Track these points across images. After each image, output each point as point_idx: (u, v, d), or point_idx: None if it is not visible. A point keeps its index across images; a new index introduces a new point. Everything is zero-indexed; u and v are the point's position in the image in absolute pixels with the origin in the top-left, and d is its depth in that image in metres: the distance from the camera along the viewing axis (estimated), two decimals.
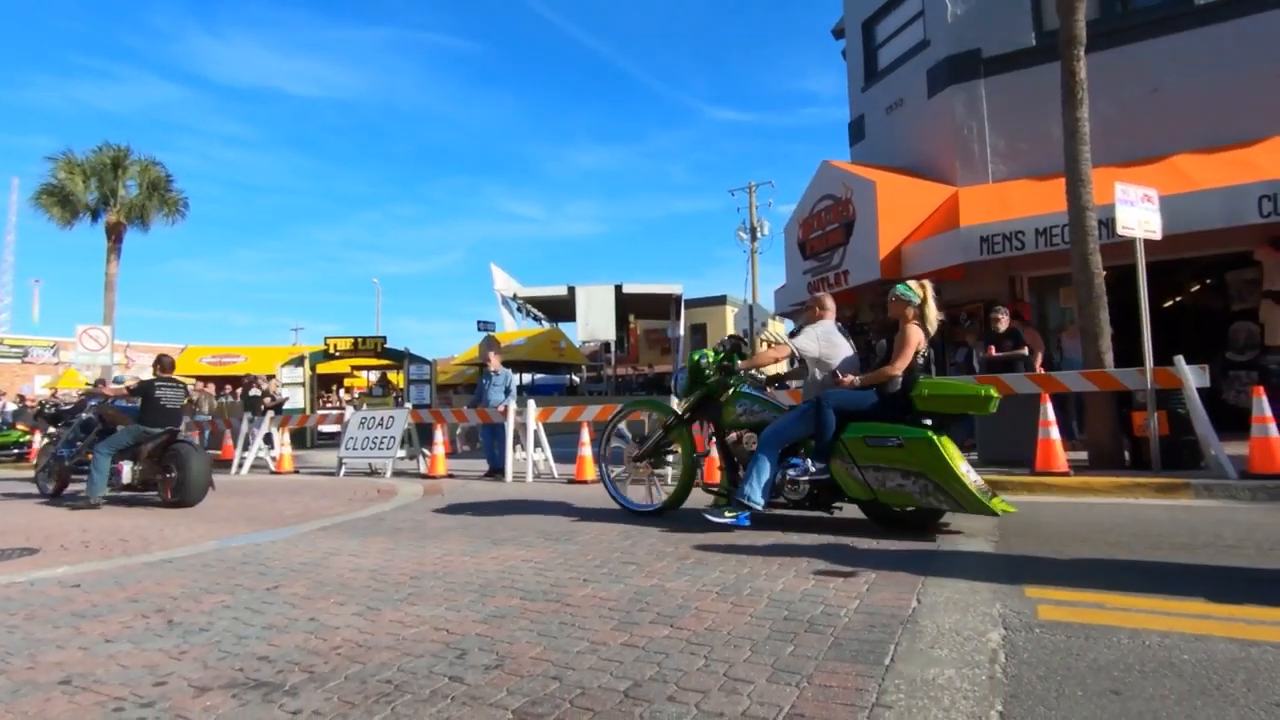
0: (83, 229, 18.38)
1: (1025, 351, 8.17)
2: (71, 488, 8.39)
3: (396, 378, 22.01)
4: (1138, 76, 9.91)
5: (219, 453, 12.60)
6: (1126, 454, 6.87)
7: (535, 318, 28.87)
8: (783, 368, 5.79)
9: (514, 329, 27.17)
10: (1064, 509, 5.31)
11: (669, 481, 6.43)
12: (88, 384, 13.76)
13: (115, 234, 17.97)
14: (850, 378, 4.70)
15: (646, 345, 37.78)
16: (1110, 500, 5.74)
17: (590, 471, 8.12)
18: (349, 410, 12.01)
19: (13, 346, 35.02)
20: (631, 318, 32.47)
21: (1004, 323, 8.34)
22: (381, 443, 9.98)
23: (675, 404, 6.05)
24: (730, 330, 36.83)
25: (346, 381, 25.74)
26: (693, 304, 33.59)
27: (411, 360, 17.38)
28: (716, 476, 5.89)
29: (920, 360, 4.60)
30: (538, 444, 8.99)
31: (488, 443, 9.67)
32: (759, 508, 4.65)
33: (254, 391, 15.71)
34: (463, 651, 2.58)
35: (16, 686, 2.39)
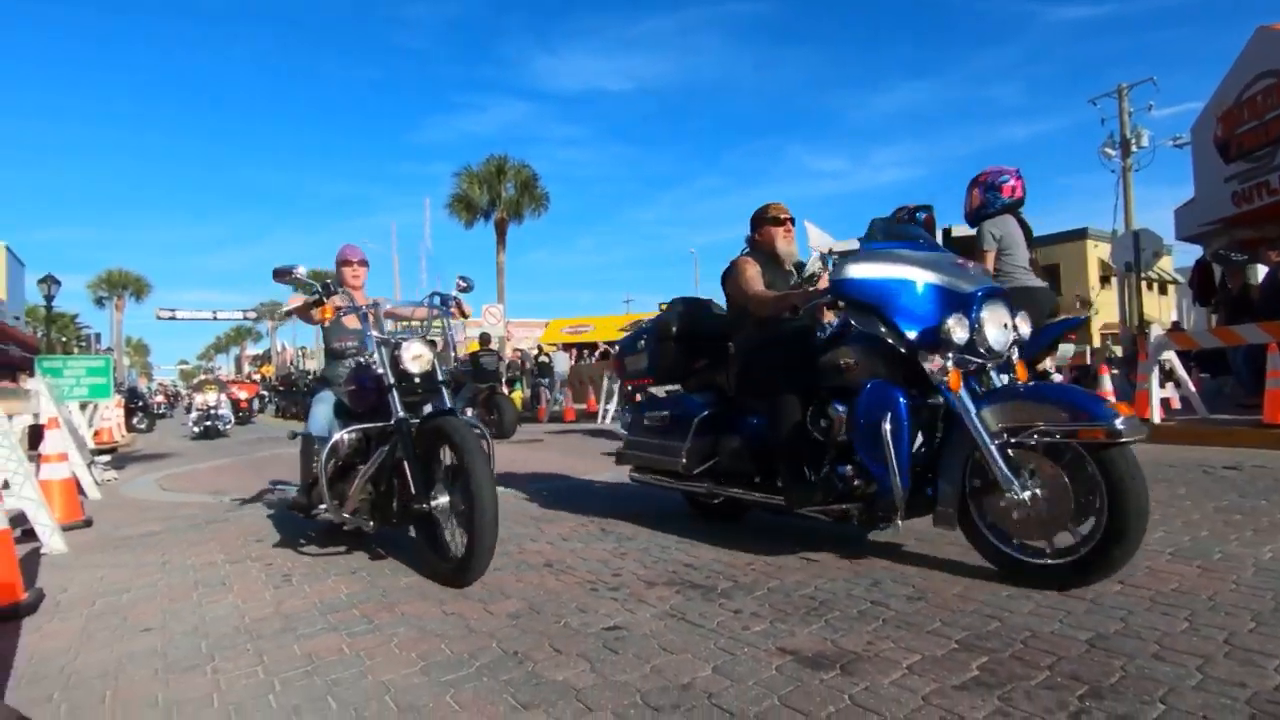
0: (478, 228, 23.03)
1: None
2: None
3: None
4: None
5: (584, 405, 14.74)
6: None
7: None
8: None
9: None
10: None
11: None
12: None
13: (501, 229, 22.13)
14: None
15: None
16: None
17: None
18: None
19: (435, 327, 45.67)
20: None
21: None
22: None
23: None
24: (1094, 271, 30.78)
25: None
26: (1039, 242, 28.73)
27: None
28: None
29: None
30: None
31: None
32: None
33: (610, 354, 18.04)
34: (876, 581, 2.58)
35: (517, 565, 3.07)
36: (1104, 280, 31.09)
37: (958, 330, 2.46)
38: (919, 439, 2.65)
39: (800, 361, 3.07)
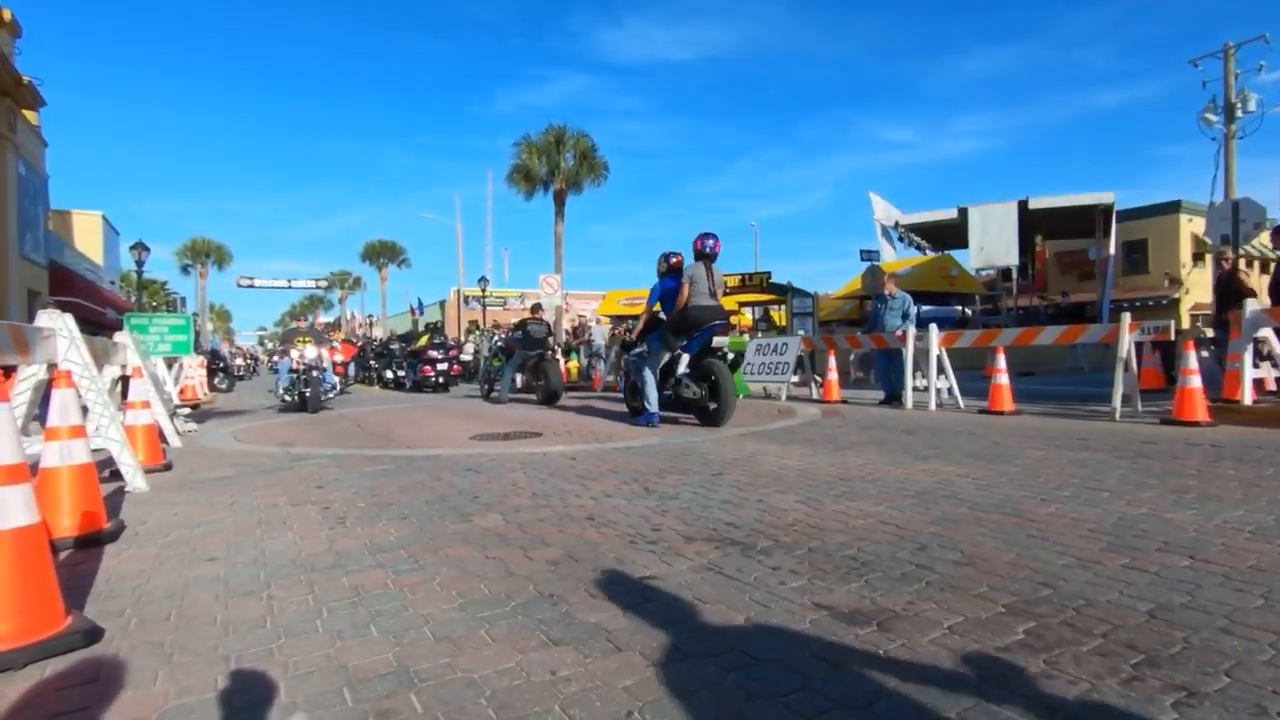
0: (537, 199, 23.18)
1: None
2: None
3: (777, 315, 22.81)
4: None
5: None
6: None
7: (918, 246, 26.65)
8: None
9: (894, 259, 25.55)
10: None
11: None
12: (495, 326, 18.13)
13: (559, 200, 22.22)
14: None
15: (1057, 270, 31.90)
16: None
17: (1008, 402, 7.21)
18: (745, 338, 12.85)
19: (497, 297, 46.46)
20: (1038, 239, 27.65)
21: None
22: (776, 368, 10.44)
23: None
24: (1186, 247, 28.74)
25: (732, 319, 27.72)
26: (1127, 216, 27.02)
27: (795, 294, 17.74)
28: None
29: None
30: (940, 371, 8.33)
31: (884, 370, 9.33)
32: None
33: None
34: (922, 546, 2.50)
35: (560, 518, 3.11)
36: (1196, 258, 29.01)
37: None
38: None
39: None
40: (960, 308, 27.56)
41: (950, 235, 24.44)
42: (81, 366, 3.81)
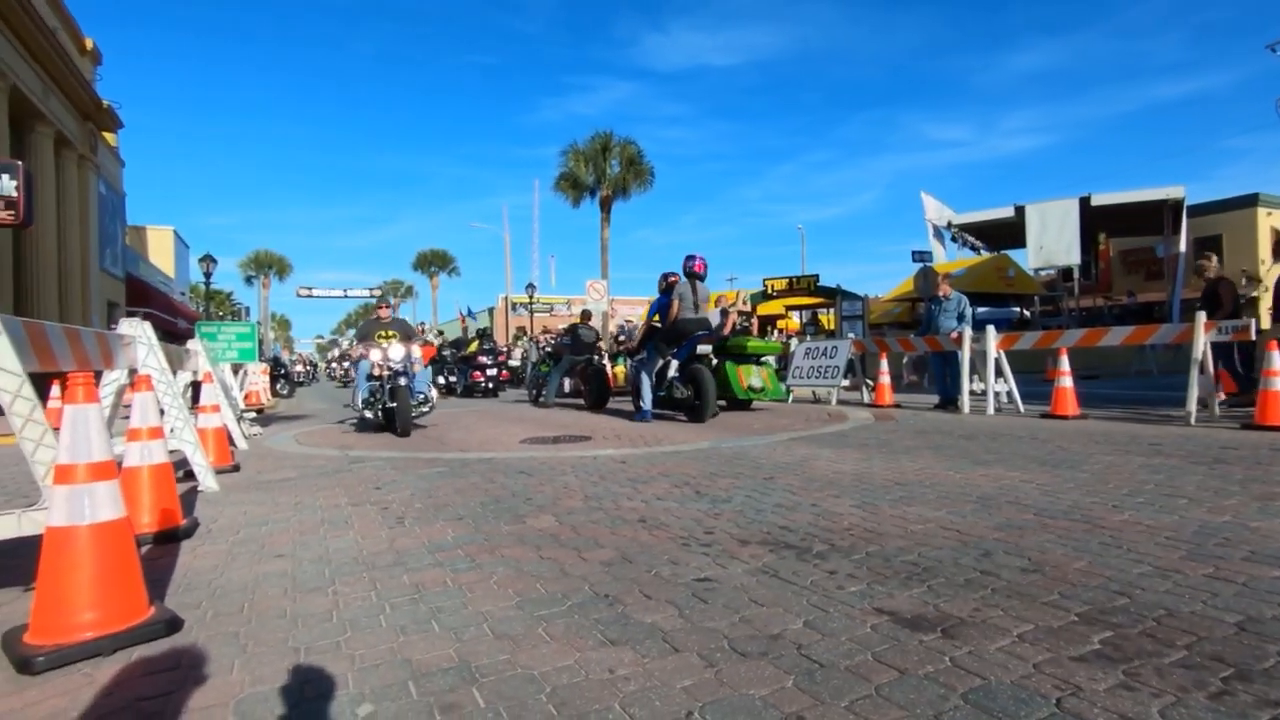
0: (584, 206, 23.42)
1: None
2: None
3: (826, 318, 22.44)
4: None
5: None
6: None
7: (972, 247, 25.84)
8: None
9: (947, 260, 24.84)
10: None
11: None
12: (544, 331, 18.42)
13: (606, 206, 22.42)
14: None
15: (1122, 269, 30.53)
16: None
17: (1072, 406, 6.93)
18: (793, 342, 12.69)
19: (544, 304, 47.10)
20: (1101, 237, 26.54)
21: None
22: (825, 372, 10.27)
23: None
24: (1265, 242, 27.14)
25: (779, 324, 27.37)
26: (1198, 210, 25.68)
27: (844, 296, 17.43)
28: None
29: None
30: (999, 374, 8.06)
31: (939, 373, 9.08)
32: None
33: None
34: (985, 552, 2.42)
35: (612, 520, 3.12)
36: (1277, 254, 27.35)
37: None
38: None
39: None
40: (1019, 310, 26.63)
41: (1006, 234, 23.64)
42: (159, 372, 4.01)
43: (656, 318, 8.19)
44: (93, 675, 1.69)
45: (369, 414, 7.51)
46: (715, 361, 8.35)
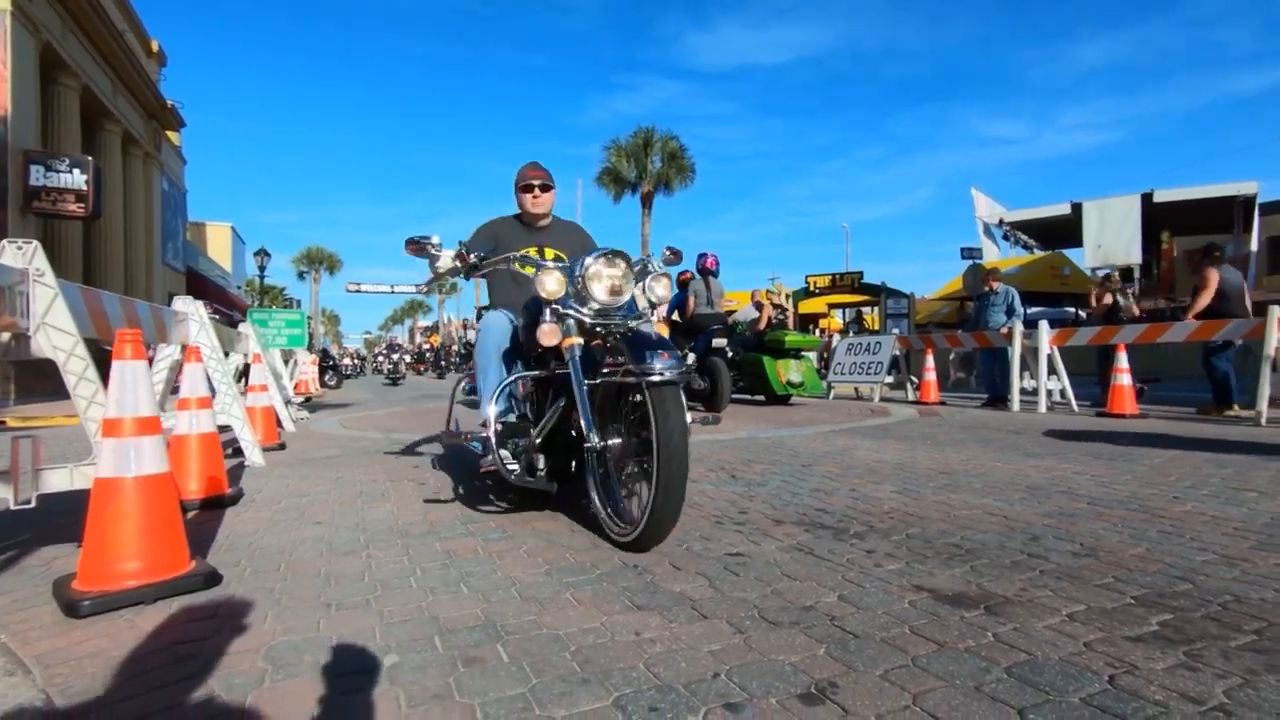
0: (626, 201, 23.45)
1: None
2: None
3: (870, 318, 21.99)
4: None
5: None
6: None
7: (1025, 245, 25.02)
8: None
9: (998, 258, 24.08)
10: None
11: None
12: None
13: (647, 202, 22.40)
14: None
15: (1187, 269, 29.09)
16: None
17: (1130, 405, 6.62)
18: (835, 338, 12.47)
19: None
20: (1165, 235, 25.36)
21: None
22: (869, 368, 10.04)
23: None
24: None
25: (822, 323, 26.97)
26: (1272, 208, 24.31)
27: (889, 294, 17.07)
28: None
29: None
30: (1051, 371, 7.76)
31: (988, 369, 8.80)
32: None
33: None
34: (1034, 536, 2.31)
35: None
36: None
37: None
38: None
39: None
40: (1074, 310, 25.66)
41: (1062, 232, 22.84)
42: (210, 348, 4.14)
43: (676, 314, 8.59)
44: (134, 621, 1.74)
45: (511, 463, 2.70)
46: (754, 356, 8.61)
